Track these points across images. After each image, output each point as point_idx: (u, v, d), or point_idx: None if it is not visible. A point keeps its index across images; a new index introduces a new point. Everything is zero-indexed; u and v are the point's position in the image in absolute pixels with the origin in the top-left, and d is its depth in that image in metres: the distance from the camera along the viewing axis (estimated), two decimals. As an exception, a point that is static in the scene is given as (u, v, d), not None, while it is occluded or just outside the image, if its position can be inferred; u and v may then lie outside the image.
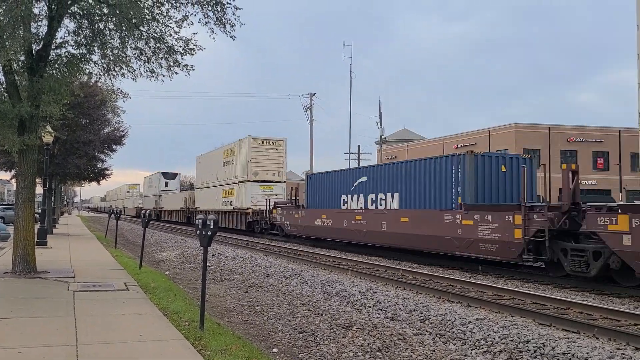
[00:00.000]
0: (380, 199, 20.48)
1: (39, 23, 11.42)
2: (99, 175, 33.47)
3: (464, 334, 8.12)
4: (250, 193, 32.35)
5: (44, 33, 11.39)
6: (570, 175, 13.35)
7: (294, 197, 29.12)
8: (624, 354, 6.99)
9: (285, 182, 33.94)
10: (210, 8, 11.52)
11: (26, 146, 11.44)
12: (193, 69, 12.25)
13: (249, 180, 32.66)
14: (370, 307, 10.24)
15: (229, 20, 11.67)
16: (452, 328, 8.48)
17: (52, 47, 11.52)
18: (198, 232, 7.31)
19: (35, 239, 12.93)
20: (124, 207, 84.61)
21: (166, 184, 61.98)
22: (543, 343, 7.35)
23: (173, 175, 64.04)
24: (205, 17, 11.60)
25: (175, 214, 53.08)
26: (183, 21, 11.60)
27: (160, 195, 61.38)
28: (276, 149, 33.64)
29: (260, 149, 33.07)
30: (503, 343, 7.55)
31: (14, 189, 32.67)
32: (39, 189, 20.82)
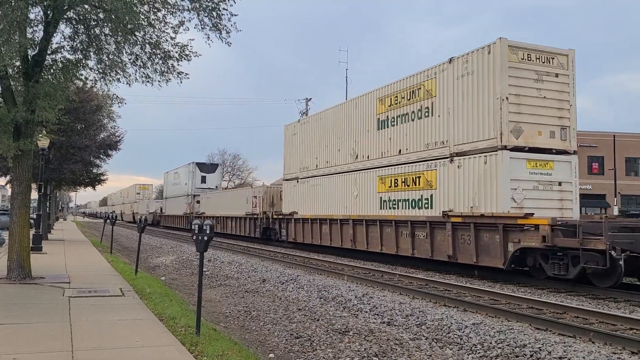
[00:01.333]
0: None
1: (35, 28, 11.42)
2: (95, 180, 33.40)
3: (461, 339, 8.13)
4: (510, 177, 14.57)
5: (39, 38, 11.39)
6: None
7: None
8: (620, 358, 7.01)
9: (574, 153, 15.73)
10: (206, 14, 11.55)
11: (21, 151, 11.42)
12: (188, 77, 12.29)
13: (504, 148, 14.60)
14: (366, 312, 10.23)
15: (225, 26, 11.71)
16: (449, 333, 8.48)
17: (48, 52, 11.52)
18: (194, 237, 7.32)
19: (31, 245, 12.89)
20: (134, 213, 70.56)
21: (203, 180, 44.81)
22: (539, 347, 7.37)
23: (212, 167, 46.95)
24: (201, 23, 11.64)
25: (232, 223, 34.97)
26: (179, 27, 11.62)
27: (195, 196, 44.27)
28: (556, 76, 15.52)
29: (525, 74, 15.11)
30: (499, 347, 7.56)
31: (9, 194, 32.55)
32: (34, 195, 20.77)
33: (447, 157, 16.55)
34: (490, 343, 7.76)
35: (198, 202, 43.57)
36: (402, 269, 17.51)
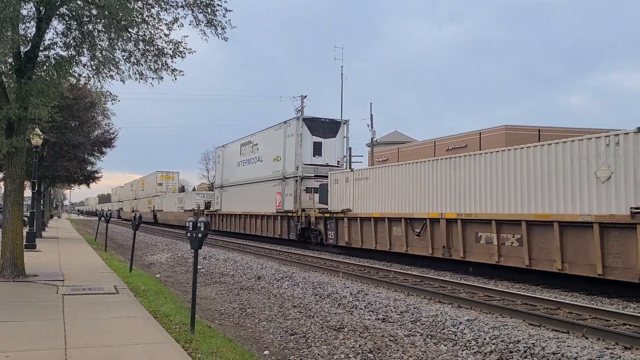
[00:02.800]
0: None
1: (27, 24, 11.34)
2: (89, 178, 33.26)
3: (455, 335, 8.15)
4: None
5: (32, 34, 11.30)
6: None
7: None
8: (612, 353, 7.04)
9: None
10: (200, 11, 11.50)
11: (14, 148, 11.35)
12: (182, 74, 12.22)
13: None
14: (361, 308, 10.24)
15: (220, 22, 11.66)
16: (443, 329, 8.50)
17: (41, 48, 11.44)
18: (188, 234, 7.31)
19: (24, 243, 12.83)
20: (155, 211, 54.03)
21: (317, 150, 26.01)
22: (533, 343, 7.40)
23: (332, 127, 26.65)
24: (195, 20, 11.58)
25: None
26: (173, 23, 11.56)
27: (304, 179, 25.64)
28: None
29: None
30: (494, 343, 7.58)
31: (2, 191, 32.34)
32: (27, 192, 20.67)
33: None
34: (485, 339, 7.78)
35: (312, 189, 25.01)
36: (397, 265, 17.53)
